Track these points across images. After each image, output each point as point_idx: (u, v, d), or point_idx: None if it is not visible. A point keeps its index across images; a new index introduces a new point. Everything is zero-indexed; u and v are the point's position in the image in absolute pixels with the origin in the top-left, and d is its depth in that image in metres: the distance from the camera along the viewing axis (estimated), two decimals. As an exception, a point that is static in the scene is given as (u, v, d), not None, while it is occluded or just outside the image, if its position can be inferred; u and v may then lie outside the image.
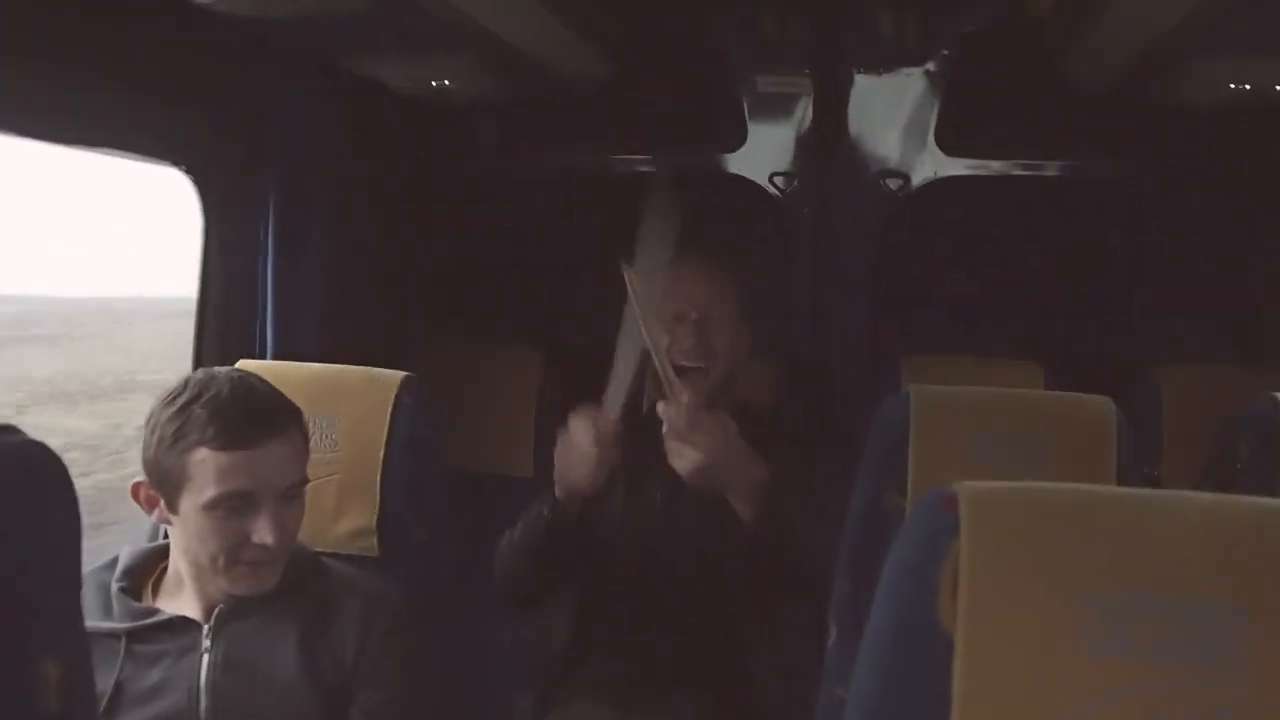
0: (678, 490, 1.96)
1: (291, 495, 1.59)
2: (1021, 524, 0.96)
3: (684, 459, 1.87)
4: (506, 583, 2.13)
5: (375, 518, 1.94)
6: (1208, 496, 1.01)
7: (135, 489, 1.59)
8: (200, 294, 2.32)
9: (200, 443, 1.52)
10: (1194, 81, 2.41)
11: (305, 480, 1.62)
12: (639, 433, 1.97)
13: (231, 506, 1.53)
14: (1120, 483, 1.70)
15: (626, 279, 1.92)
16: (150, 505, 1.59)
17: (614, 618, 2.08)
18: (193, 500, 1.53)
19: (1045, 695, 0.92)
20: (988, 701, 0.93)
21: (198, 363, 2.31)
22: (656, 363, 1.91)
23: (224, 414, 1.53)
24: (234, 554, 1.56)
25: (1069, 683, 0.92)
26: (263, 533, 1.55)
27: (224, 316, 2.34)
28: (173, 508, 1.56)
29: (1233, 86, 2.37)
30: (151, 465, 1.56)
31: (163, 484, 1.56)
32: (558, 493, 1.97)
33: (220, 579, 1.58)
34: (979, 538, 0.95)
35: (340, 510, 1.94)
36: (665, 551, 2.02)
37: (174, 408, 1.55)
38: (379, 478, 1.94)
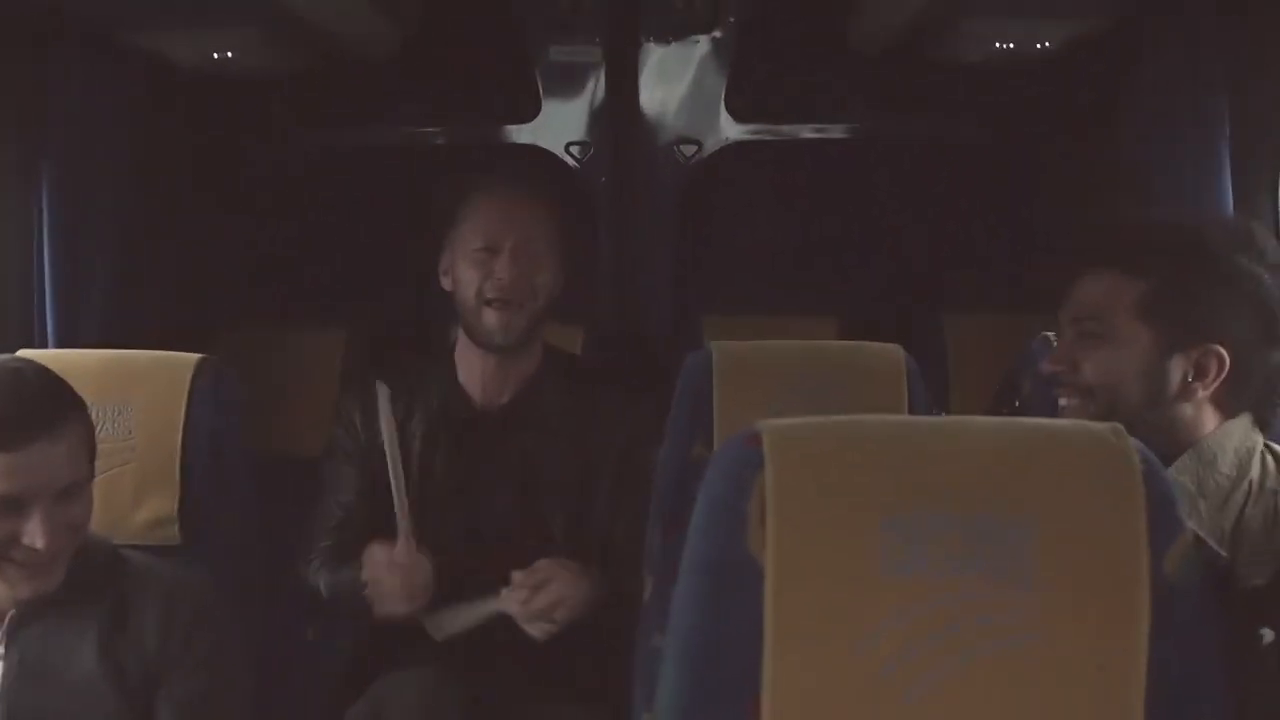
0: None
1: (71, 494, 1.49)
2: (822, 454, 1.01)
3: (538, 631, 1.81)
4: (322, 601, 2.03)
5: (176, 506, 1.88)
6: (995, 420, 1.09)
7: None
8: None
9: None
10: (963, 40, 2.55)
11: (88, 477, 1.53)
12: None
13: None
14: None
15: (378, 394, 1.84)
16: None
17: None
18: None
19: (850, 615, 0.97)
20: (796, 625, 0.97)
21: (-30, 354, 2.17)
22: (398, 508, 1.81)
23: None
24: (3, 554, 1.46)
25: (871, 602, 0.97)
26: (33, 535, 1.44)
27: None
28: None
29: (997, 45, 2.51)
30: None
31: None
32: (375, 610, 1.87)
33: None
34: (783, 469, 0.99)
35: (139, 500, 1.87)
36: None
37: None
38: (178, 464, 1.88)
